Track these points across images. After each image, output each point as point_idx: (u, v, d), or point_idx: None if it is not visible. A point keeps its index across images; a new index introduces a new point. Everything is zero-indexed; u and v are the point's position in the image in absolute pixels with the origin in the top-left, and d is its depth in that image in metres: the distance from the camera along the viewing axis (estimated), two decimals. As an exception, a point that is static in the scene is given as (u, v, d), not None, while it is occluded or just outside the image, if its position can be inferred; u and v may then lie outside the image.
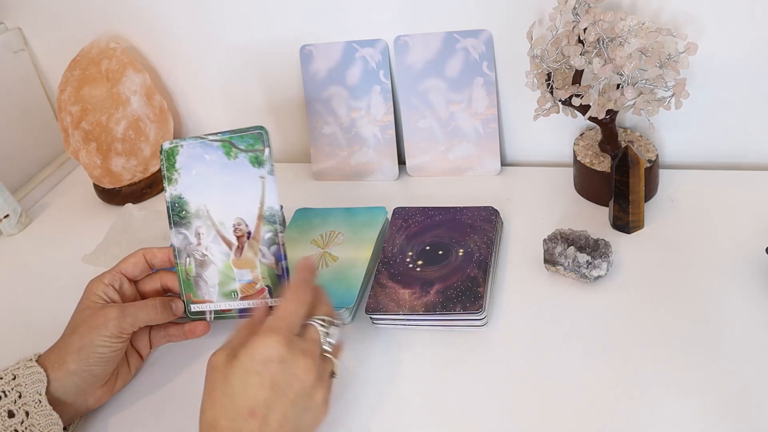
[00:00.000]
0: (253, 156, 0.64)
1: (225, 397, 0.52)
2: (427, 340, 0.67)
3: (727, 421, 0.55)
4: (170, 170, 0.66)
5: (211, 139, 0.65)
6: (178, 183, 0.66)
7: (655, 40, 0.68)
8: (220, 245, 0.65)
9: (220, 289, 0.66)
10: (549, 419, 0.58)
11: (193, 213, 0.66)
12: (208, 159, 0.65)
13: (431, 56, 0.87)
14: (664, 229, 0.76)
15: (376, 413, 0.61)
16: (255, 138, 0.64)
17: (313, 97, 0.93)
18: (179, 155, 0.66)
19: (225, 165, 0.65)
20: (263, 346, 0.53)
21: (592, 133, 0.85)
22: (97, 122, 0.92)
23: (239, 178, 0.64)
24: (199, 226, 0.66)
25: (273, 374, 0.52)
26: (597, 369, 0.61)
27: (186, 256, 0.66)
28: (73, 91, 0.93)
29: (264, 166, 0.64)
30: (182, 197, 0.66)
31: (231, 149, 0.65)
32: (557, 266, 0.70)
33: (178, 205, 0.66)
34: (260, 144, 0.64)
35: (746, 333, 0.62)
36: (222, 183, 0.65)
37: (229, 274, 0.65)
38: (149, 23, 0.96)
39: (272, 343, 0.53)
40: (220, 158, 0.65)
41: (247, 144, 0.64)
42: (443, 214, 0.78)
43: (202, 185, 0.66)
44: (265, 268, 0.65)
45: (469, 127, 0.89)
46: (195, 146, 0.66)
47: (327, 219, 0.81)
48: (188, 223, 0.66)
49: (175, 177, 0.66)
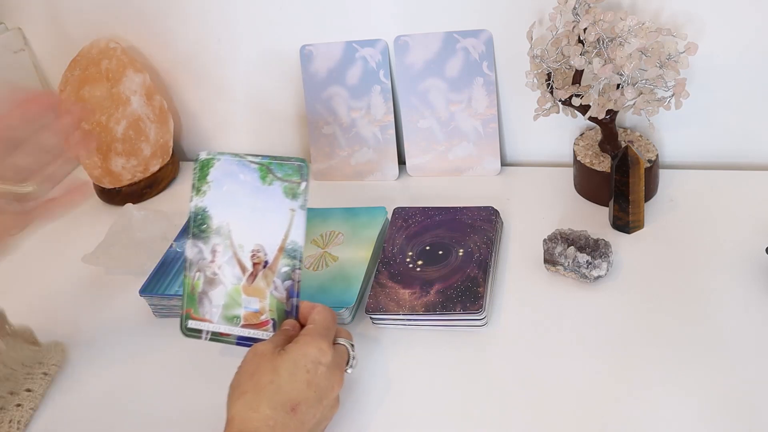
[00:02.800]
0: (289, 186, 0.63)
1: (271, 385, 0.53)
2: (427, 340, 0.67)
3: (727, 421, 0.55)
4: (201, 181, 0.65)
5: (250, 160, 0.64)
6: (206, 195, 0.64)
7: (655, 40, 0.68)
8: (234, 267, 0.63)
9: (223, 311, 0.64)
10: (549, 419, 0.58)
11: (214, 229, 0.64)
12: (242, 179, 0.64)
13: (431, 56, 0.87)
14: (664, 229, 0.76)
15: (376, 413, 0.61)
16: (294, 169, 0.63)
17: (313, 97, 0.93)
18: (213, 168, 0.65)
19: (258, 189, 0.63)
20: (316, 347, 0.55)
21: (592, 133, 0.85)
22: (97, 122, 0.92)
23: (269, 205, 0.63)
24: (217, 244, 0.64)
25: (319, 376, 0.55)
26: (597, 369, 0.61)
27: (196, 270, 0.64)
28: (73, 91, 0.93)
29: (297, 198, 0.63)
30: (207, 210, 0.64)
31: (268, 174, 0.63)
32: (557, 266, 0.70)
33: (201, 218, 0.64)
34: (298, 176, 0.63)
35: (746, 333, 0.62)
36: (251, 206, 0.63)
37: (237, 298, 0.63)
38: (149, 23, 0.96)
39: (325, 347, 0.56)
40: (254, 181, 0.64)
41: (285, 173, 0.63)
42: (443, 214, 0.78)
43: (230, 203, 0.64)
44: (275, 301, 0.63)
45: (469, 127, 0.89)
46: (232, 163, 0.64)
47: (327, 219, 0.81)
48: (207, 238, 0.64)
49: (204, 189, 0.65)
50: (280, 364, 0.54)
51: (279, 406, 0.52)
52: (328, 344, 0.56)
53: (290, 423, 0.52)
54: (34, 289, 0.84)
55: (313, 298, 0.70)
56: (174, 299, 0.73)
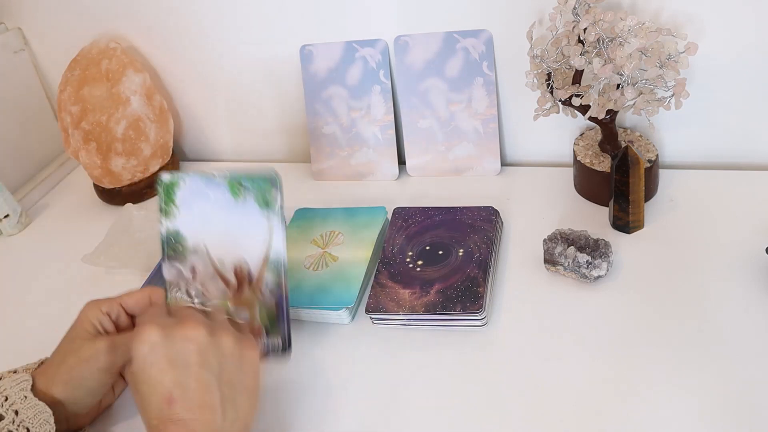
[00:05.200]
0: (263, 199, 0.62)
1: (143, 402, 0.52)
2: (427, 340, 0.67)
3: (727, 421, 0.55)
4: (168, 204, 0.64)
5: (218, 178, 0.63)
6: (177, 218, 0.63)
7: (655, 40, 0.68)
8: (218, 283, 0.63)
9: None
10: (549, 419, 0.58)
11: (190, 249, 0.63)
12: (212, 197, 0.63)
13: (431, 56, 0.87)
14: (664, 229, 0.76)
15: (375, 413, 0.61)
16: (265, 181, 0.62)
17: (313, 97, 0.93)
18: (180, 189, 0.64)
19: (231, 204, 0.63)
20: (138, 341, 0.53)
21: (592, 133, 0.85)
22: (97, 122, 0.92)
23: (245, 220, 0.62)
24: (196, 262, 0.63)
25: (163, 354, 0.52)
26: (597, 369, 0.61)
27: (176, 291, 0.63)
28: (73, 91, 0.93)
29: (273, 209, 0.62)
30: (180, 232, 0.63)
31: (239, 189, 0.63)
32: (557, 266, 0.70)
33: (175, 240, 0.64)
34: (270, 188, 0.62)
35: (746, 333, 0.62)
36: (225, 222, 0.63)
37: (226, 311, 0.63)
38: (149, 23, 0.96)
39: (146, 332, 0.53)
40: (225, 197, 0.63)
41: (257, 186, 0.62)
42: (443, 214, 0.78)
43: (203, 222, 0.63)
44: (264, 310, 0.63)
45: (469, 127, 0.89)
46: (199, 182, 0.63)
47: (327, 219, 0.81)
48: (184, 258, 0.63)
49: (173, 211, 0.64)
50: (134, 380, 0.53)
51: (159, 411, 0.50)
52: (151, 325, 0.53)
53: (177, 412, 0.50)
54: (34, 289, 0.84)
55: (313, 298, 0.70)
56: (174, 299, 0.73)
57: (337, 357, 0.66)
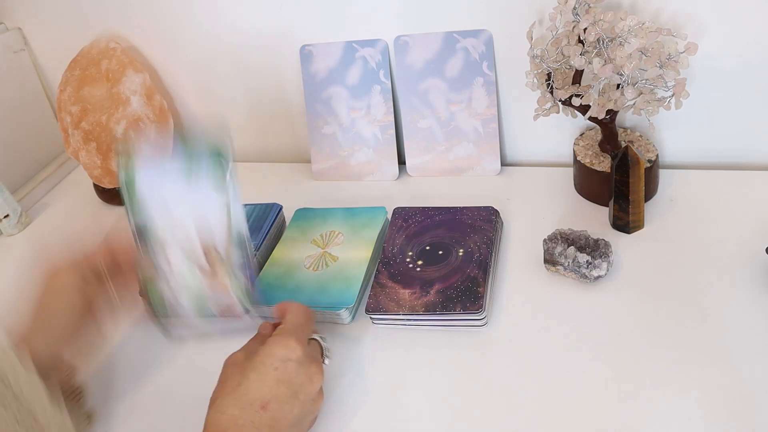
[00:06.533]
0: (215, 182, 0.62)
1: (239, 387, 0.54)
2: (427, 340, 0.67)
3: (727, 421, 0.55)
4: (132, 200, 0.63)
5: (169, 167, 0.63)
6: (141, 213, 0.63)
7: (655, 40, 0.68)
8: (193, 269, 0.63)
9: (197, 312, 0.64)
10: (549, 419, 0.58)
11: (160, 241, 0.63)
12: (169, 187, 0.63)
13: (431, 56, 0.87)
14: (664, 229, 0.76)
15: (375, 413, 0.61)
16: (215, 164, 0.62)
17: (313, 97, 0.93)
18: (138, 184, 0.63)
19: (187, 191, 0.62)
20: (283, 346, 0.56)
21: (592, 133, 0.85)
22: (97, 122, 0.92)
23: (203, 205, 0.62)
24: (168, 253, 0.63)
25: (290, 373, 0.55)
26: (597, 368, 0.61)
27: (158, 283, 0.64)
28: (73, 91, 0.93)
29: (226, 191, 0.62)
30: (146, 226, 0.63)
31: (191, 176, 0.62)
32: (557, 266, 0.70)
33: (144, 234, 0.64)
34: (220, 170, 0.62)
35: (746, 333, 0.62)
36: (185, 209, 0.63)
37: (204, 297, 0.64)
38: (149, 23, 0.96)
39: (292, 344, 0.56)
40: (180, 184, 0.62)
41: (207, 170, 0.62)
42: (443, 214, 0.78)
43: (166, 213, 0.63)
44: (239, 289, 0.64)
45: (469, 127, 0.89)
46: (153, 173, 0.63)
47: (327, 219, 0.81)
48: (156, 251, 0.63)
49: (137, 208, 0.63)
50: (247, 367, 0.55)
51: (247, 406, 0.53)
52: (296, 341, 0.57)
53: (261, 420, 0.53)
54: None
55: (313, 298, 0.70)
56: (174, 299, 0.73)
57: (337, 357, 0.66)
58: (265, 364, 0.55)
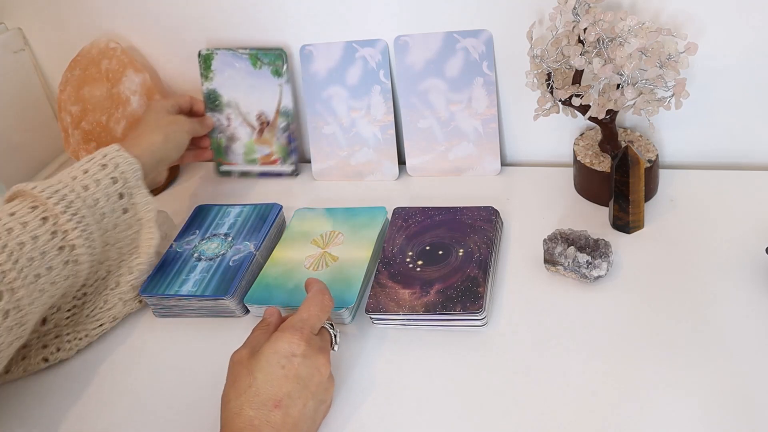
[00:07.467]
0: (274, 69, 0.90)
1: (250, 389, 0.55)
2: (427, 340, 0.67)
3: (727, 421, 0.55)
4: (207, 71, 0.92)
5: (241, 52, 0.91)
6: (213, 80, 0.92)
7: (655, 40, 0.68)
8: (246, 128, 0.93)
9: (244, 157, 0.95)
10: (549, 419, 0.58)
11: (225, 103, 0.93)
12: (237, 66, 0.91)
13: (431, 56, 0.87)
14: (664, 229, 0.76)
15: (376, 413, 0.61)
16: (276, 56, 0.90)
17: (313, 97, 0.93)
18: (214, 60, 0.92)
19: (251, 72, 0.91)
20: (287, 341, 0.57)
21: (592, 133, 0.85)
22: (97, 122, 0.92)
23: (263, 83, 0.91)
24: (230, 113, 0.93)
25: (297, 368, 0.56)
26: (597, 369, 0.61)
27: (219, 133, 0.94)
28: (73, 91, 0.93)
29: (282, 76, 0.90)
30: (216, 91, 0.92)
31: (257, 62, 0.90)
32: (557, 266, 0.70)
33: (213, 96, 0.93)
34: (280, 61, 0.90)
35: (746, 333, 0.62)
36: (248, 84, 0.91)
37: (252, 147, 0.94)
38: (149, 23, 0.96)
39: (296, 339, 0.57)
40: (247, 67, 0.91)
41: (270, 59, 0.90)
42: (443, 214, 0.78)
43: (232, 84, 0.92)
44: (279, 145, 0.93)
45: (469, 127, 0.89)
46: (227, 55, 0.91)
47: (327, 219, 0.81)
48: (221, 110, 0.93)
49: (210, 76, 0.92)
50: (254, 367, 0.56)
51: (261, 406, 0.54)
52: (300, 336, 0.58)
53: (275, 418, 0.54)
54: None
55: (313, 298, 0.70)
56: (174, 299, 0.73)
57: (337, 357, 0.66)
58: (271, 363, 0.56)
